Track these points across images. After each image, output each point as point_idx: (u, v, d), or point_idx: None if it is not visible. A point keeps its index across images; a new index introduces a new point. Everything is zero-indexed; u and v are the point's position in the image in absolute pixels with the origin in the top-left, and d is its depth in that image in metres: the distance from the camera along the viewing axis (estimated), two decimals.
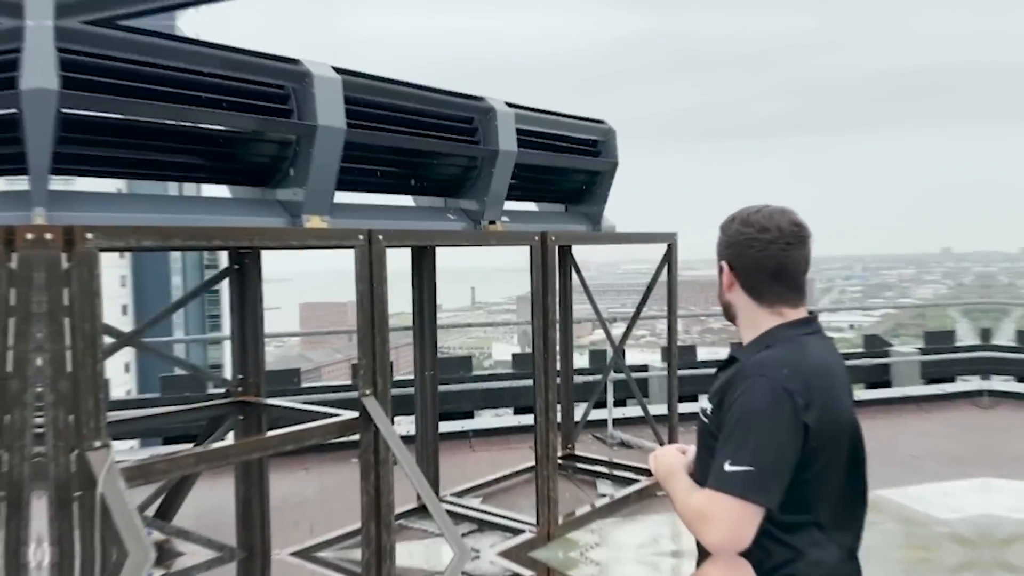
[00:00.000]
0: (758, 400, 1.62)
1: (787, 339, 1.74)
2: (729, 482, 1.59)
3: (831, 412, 1.67)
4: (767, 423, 1.60)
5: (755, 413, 1.61)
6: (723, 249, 1.84)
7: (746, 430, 1.61)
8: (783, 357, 1.68)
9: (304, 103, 3.50)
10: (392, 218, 4.20)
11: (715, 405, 1.74)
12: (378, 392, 3.49)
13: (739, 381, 1.67)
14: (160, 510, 4.01)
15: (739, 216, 1.81)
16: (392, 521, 3.59)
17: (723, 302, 1.89)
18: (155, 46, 3.04)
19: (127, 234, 2.70)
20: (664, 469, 1.88)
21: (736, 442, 1.61)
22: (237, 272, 3.97)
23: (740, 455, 1.59)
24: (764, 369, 1.66)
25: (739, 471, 1.58)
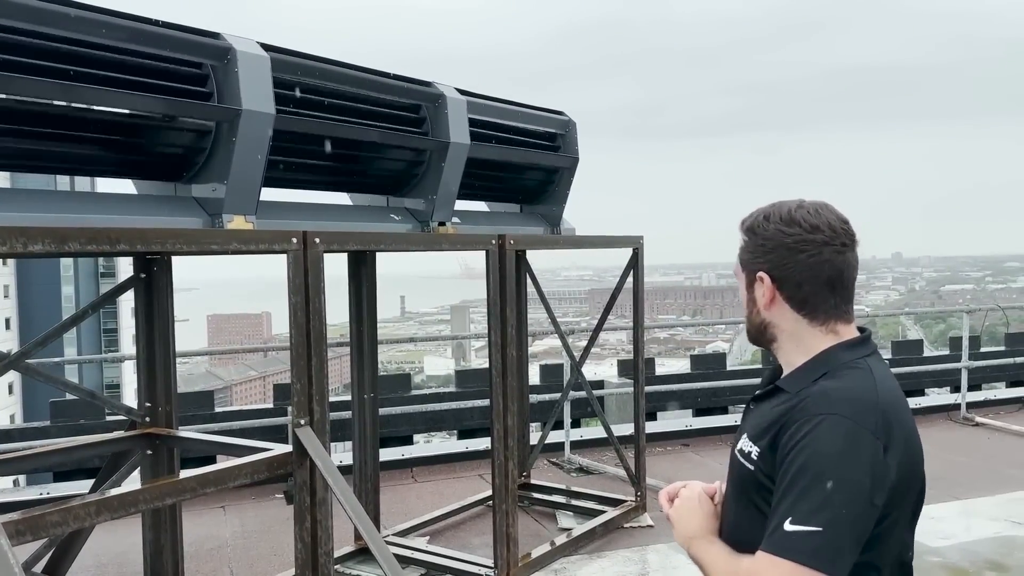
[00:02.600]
0: (829, 443, 1.40)
1: (848, 364, 1.54)
2: (791, 546, 1.37)
3: (909, 453, 1.48)
4: (841, 472, 1.38)
5: (825, 460, 1.39)
6: (758, 256, 1.59)
7: (814, 481, 1.38)
8: (853, 388, 1.48)
9: (226, 84, 3.24)
10: (327, 218, 3.95)
11: (765, 447, 1.52)
12: (315, 422, 3.23)
13: (800, 418, 1.46)
14: (51, 563, 3.66)
15: (774, 213, 1.58)
16: (331, 571, 3.33)
17: (757, 323, 1.64)
18: (43, 11, 2.74)
19: (12, 237, 2.39)
20: (689, 528, 1.66)
21: (800, 496, 1.39)
22: (144, 282, 3.65)
23: (805, 512, 1.37)
24: (834, 404, 1.44)
25: (804, 532, 1.36)
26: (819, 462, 1.39)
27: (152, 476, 3.66)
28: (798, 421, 1.46)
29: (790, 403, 1.52)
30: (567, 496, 5.76)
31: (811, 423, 1.43)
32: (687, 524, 1.66)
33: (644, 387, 5.56)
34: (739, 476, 1.58)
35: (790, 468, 1.42)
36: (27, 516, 2.40)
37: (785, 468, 1.43)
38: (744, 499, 1.57)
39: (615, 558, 4.84)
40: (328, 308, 3.38)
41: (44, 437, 6.84)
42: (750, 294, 1.64)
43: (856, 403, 1.45)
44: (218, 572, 4.76)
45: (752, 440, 1.56)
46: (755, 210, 1.65)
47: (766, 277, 1.58)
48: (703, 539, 1.62)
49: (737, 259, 1.67)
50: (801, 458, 1.41)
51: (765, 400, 1.63)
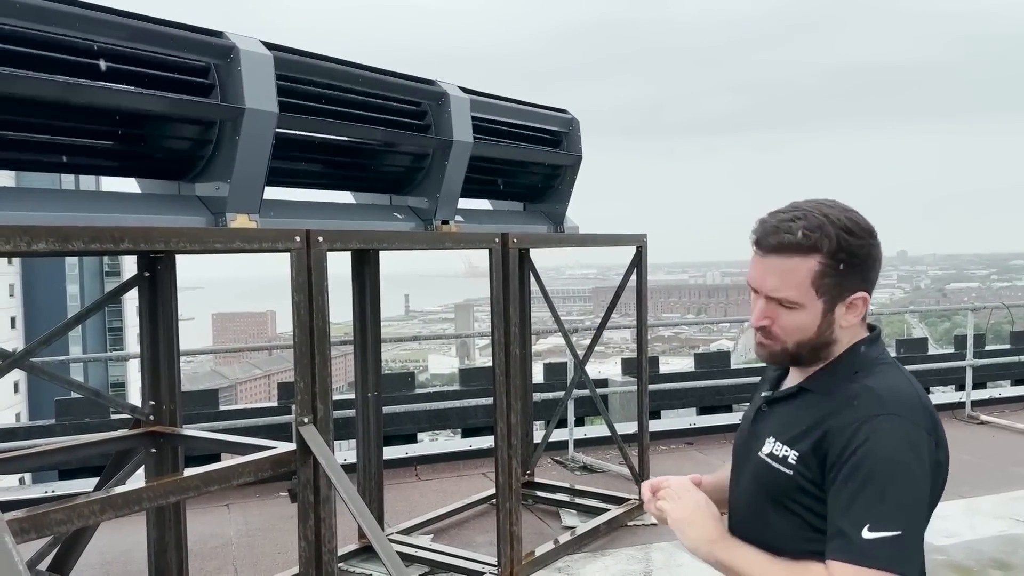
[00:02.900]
0: (894, 446, 1.37)
1: (877, 360, 1.51)
2: (876, 554, 1.32)
3: (946, 449, 1.48)
4: (909, 474, 1.37)
5: (893, 463, 1.37)
6: (854, 278, 1.47)
7: (885, 485, 1.35)
8: (898, 387, 1.45)
9: (229, 82, 3.24)
10: (330, 217, 3.95)
11: (807, 450, 1.46)
12: (318, 420, 3.23)
13: (852, 421, 1.41)
14: (56, 561, 3.67)
15: (855, 226, 1.46)
16: (335, 570, 3.33)
17: (823, 343, 1.52)
18: (47, 11, 2.74)
19: (16, 235, 2.40)
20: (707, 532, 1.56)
21: (874, 501, 1.35)
22: (148, 280, 3.66)
23: (883, 517, 1.34)
24: (887, 405, 1.41)
25: (885, 538, 1.33)
26: (887, 465, 1.37)
27: (156, 474, 3.66)
28: (853, 423, 1.41)
29: (829, 404, 1.47)
30: (571, 494, 5.76)
31: (869, 425, 1.40)
32: (702, 528, 1.58)
33: (647, 385, 5.56)
34: (772, 481, 1.53)
35: (855, 473, 1.38)
36: (31, 514, 2.41)
37: (847, 473, 1.39)
38: (775, 504, 1.52)
39: (619, 556, 4.84)
40: (332, 307, 3.39)
41: (49, 435, 6.85)
42: (826, 319, 1.50)
43: (907, 402, 1.44)
44: (222, 570, 4.76)
45: (787, 444, 1.51)
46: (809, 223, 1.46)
47: (866, 296, 1.50)
48: (726, 541, 1.55)
49: (805, 287, 1.47)
50: (868, 462, 1.38)
51: (785, 402, 1.58)
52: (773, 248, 1.48)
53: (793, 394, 1.58)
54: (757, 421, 1.64)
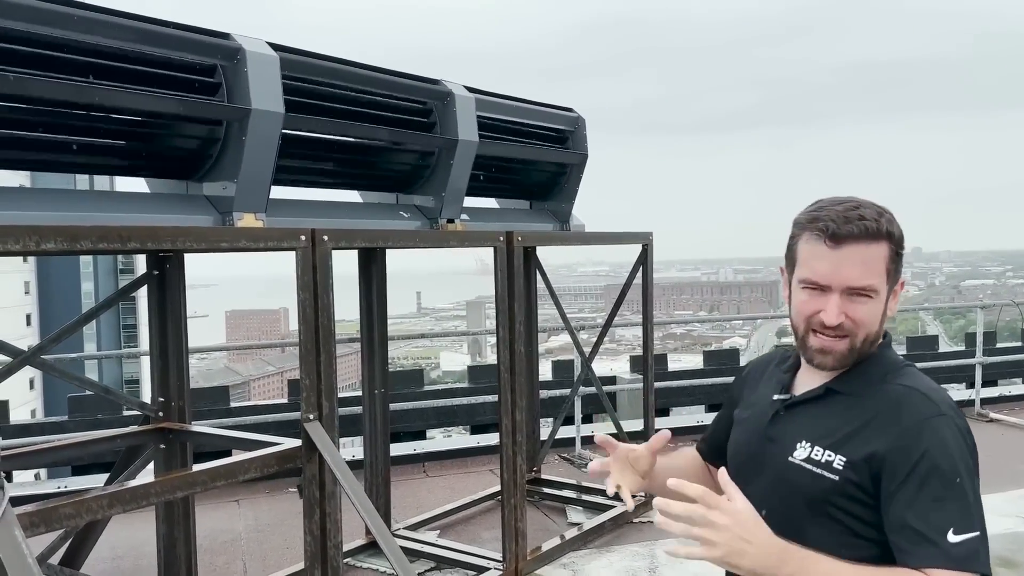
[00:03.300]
0: (954, 445, 1.40)
1: (900, 362, 1.54)
2: (966, 557, 1.33)
3: None
4: (970, 472, 1.40)
5: (961, 464, 1.39)
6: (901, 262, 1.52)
7: (957, 487, 1.37)
8: (936, 387, 1.49)
9: (235, 83, 3.28)
10: (336, 216, 3.99)
11: (855, 455, 1.43)
12: (323, 416, 3.28)
13: (911, 424, 1.41)
14: (67, 555, 3.73)
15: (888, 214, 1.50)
16: (340, 564, 3.38)
17: (880, 333, 1.53)
18: (55, 14, 2.79)
19: (25, 235, 2.45)
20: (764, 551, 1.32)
21: (951, 504, 1.36)
22: (157, 278, 3.71)
23: (963, 519, 1.35)
24: (939, 405, 1.43)
25: (971, 539, 1.34)
26: (953, 466, 1.38)
27: (165, 470, 3.72)
28: (912, 427, 1.41)
29: (872, 406, 1.47)
30: (577, 491, 5.79)
31: (929, 427, 1.40)
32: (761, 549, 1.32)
33: (653, 383, 5.58)
34: (812, 487, 1.47)
35: (928, 477, 1.37)
36: (41, 508, 2.46)
37: (919, 478, 1.38)
38: (818, 511, 1.47)
39: (624, 552, 4.86)
40: (341, 304, 3.43)
41: (62, 432, 6.93)
42: (886, 307, 1.53)
43: (949, 401, 1.46)
44: (232, 565, 4.83)
45: (829, 448, 1.47)
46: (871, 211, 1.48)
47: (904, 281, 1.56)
48: (800, 556, 1.35)
49: (881, 273, 1.48)
50: (939, 467, 1.37)
51: (812, 404, 1.55)
52: (854, 236, 1.46)
53: (819, 396, 1.55)
54: (774, 424, 1.59)
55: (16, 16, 2.71)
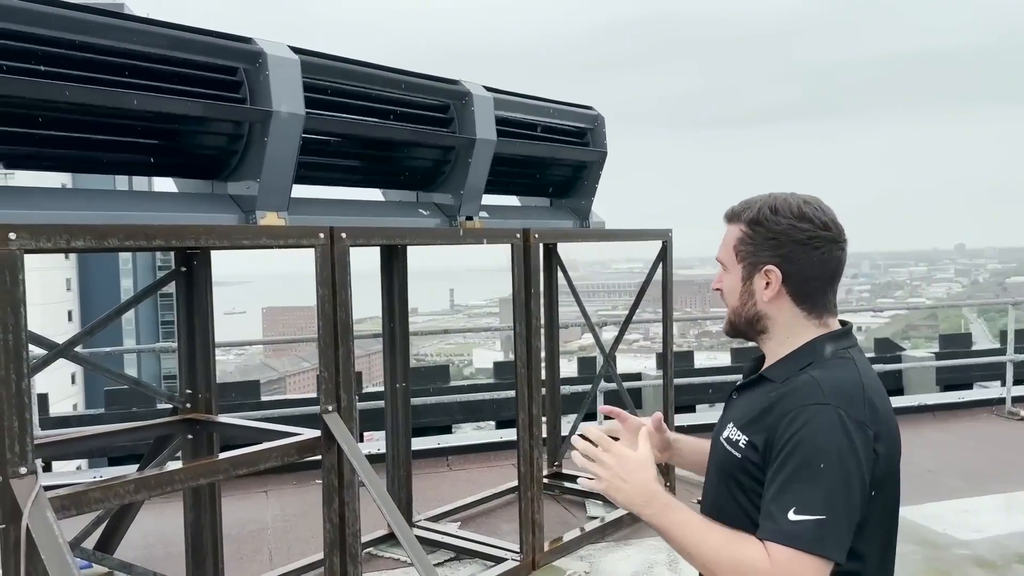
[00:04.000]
0: (825, 434, 1.46)
1: (834, 355, 1.60)
2: (798, 535, 1.41)
3: (893, 441, 1.56)
4: (839, 462, 1.44)
5: (824, 450, 1.45)
6: (764, 249, 1.61)
7: (813, 471, 1.44)
8: (841, 379, 1.54)
9: (257, 86, 3.40)
10: (358, 214, 4.11)
11: (753, 435, 1.56)
12: (342, 408, 3.40)
13: (790, 409, 1.51)
14: (101, 540, 3.90)
15: (782, 207, 1.61)
16: (359, 551, 3.50)
17: (750, 315, 1.66)
18: (86, 22, 2.93)
19: (56, 233, 2.60)
20: (636, 490, 1.56)
21: (801, 485, 1.44)
22: (184, 275, 3.86)
23: (808, 501, 1.43)
24: (825, 396, 1.49)
25: (809, 520, 1.42)
26: (816, 452, 1.45)
27: (192, 459, 3.87)
28: (790, 411, 1.50)
29: (777, 392, 1.57)
30: None
31: (805, 414, 1.48)
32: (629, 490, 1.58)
33: (673, 379, 5.63)
34: (724, 463, 1.63)
35: (788, 459, 1.47)
36: (71, 492, 2.61)
37: (782, 458, 1.48)
38: (727, 486, 1.62)
39: (641, 546, 4.94)
40: (365, 299, 3.54)
41: (99, 423, 7.18)
42: (746, 286, 1.65)
43: (845, 394, 1.51)
44: (258, 553, 4.99)
45: (739, 429, 1.61)
46: (749, 201, 1.67)
47: (775, 271, 1.60)
48: (660, 504, 1.56)
49: (729, 249, 1.67)
50: (798, 449, 1.46)
51: (750, 389, 1.68)
52: (725, 219, 1.72)
53: (755, 382, 1.68)
54: (726, 409, 1.75)
55: (52, 24, 2.86)
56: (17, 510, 2.42)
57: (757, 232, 1.62)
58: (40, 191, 3.13)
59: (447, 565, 4.65)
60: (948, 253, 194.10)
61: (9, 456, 2.43)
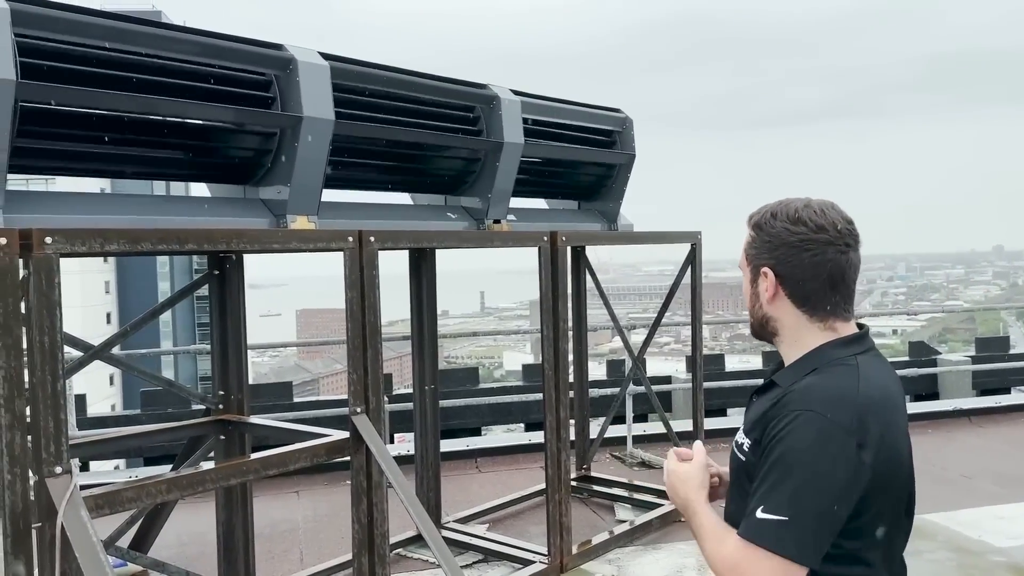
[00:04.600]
0: (802, 439, 1.48)
1: (838, 361, 1.60)
2: (760, 532, 1.47)
3: (889, 450, 1.54)
4: (811, 466, 1.47)
5: (797, 453, 1.48)
6: (763, 252, 1.66)
7: (784, 473, 1.48)
8: (833, 386, 1.55)
9: (288, 92, 3.45)
10: (387, 217, 4.14)
11: (754, 440, 1.61)
12: (370, 410, 3.43)
13: (781, 414, 1.54)
14: (136, 539, 3.96)
15: (781, 211, 1.64)
16: (387, 552, 3.53)
17: (759, 316, 1.71)
18: (121, 31, 2.99)
19: (91, 237, 2.65)
20: (681, 498, 1.72)
21: (772, 486, 1.48)
22: (217, 278, 3.91)
23: (775, 502, 1.47)
24: (811, 402, 1.52)
25: (772, 520, 1.46)
26: (791, 456, 1.48)
27: (224, 459, 3.92)
28: (779, 416, 1.54)
29: (778, 398, 1.59)
30: (626, 489, 5.84)
31: (788, 418, 1.51)
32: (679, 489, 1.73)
33: (702, 382, 5.59)
34: (735, 467, 1.69)
35: (767, 460, 1.52)
36: (105, 492, 2.66)
37: (763, 460, 1.53)
38: (739, 488, 1.65)
39: (671, 550, 4.90)
40: (398, 301, 3.55)
41: (135, 423, 7.30)
42: (754, 288, 1.70)
43: (833, 400, 1.51)
44: (289, 553, 5.03)
45: (745, 433, 1.66)
46: (763, 207, 1.72)
47: (770, 272, 1.64)
48: (695, 510, 1.68)
49: (743, 253, 1.73)
50: (776, 451, 1.50)
51: (761, 395, 1.70)
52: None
53: (766, 387, 1.70)
54: (745, 413, 1.78)
55: (90, 34, 2.92)
56: (52, 509, 2.47)
57: (759, 236, 1.68)
58: (78, 196, 3.20)
59: (475, 567, 4.66)
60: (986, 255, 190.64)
61: (45, 456, 2.47)
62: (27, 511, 2.46)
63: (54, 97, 2.84)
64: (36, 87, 2.71)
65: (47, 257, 2.47)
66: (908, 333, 60.42)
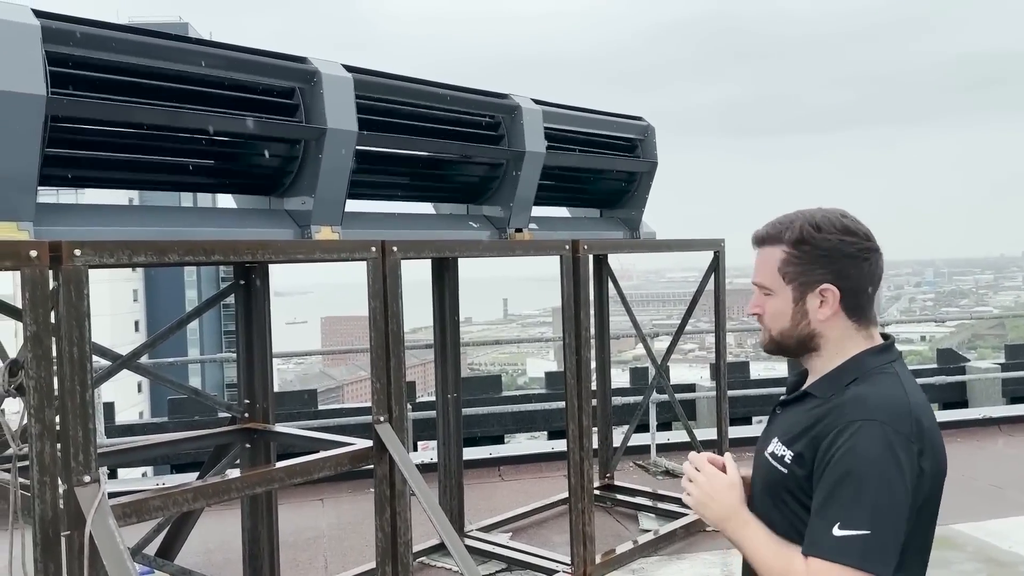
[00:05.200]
0: (869, 449, 1.46)
1: (877, 369, 1.59)
2: (843, 550, 1.42)
3: (938, 456, 1.55)
4: (884, 477, 1.45)
5: (868, 465, 1.45)
6: (816, 267, 1.59)
7: (857, 487, 1.44)
8: (886, 394, 1.54)
9: (312, 104, 3.48)
10: (410, 227, 4.16)
11: (800, 451, 1.56)
12: (393, 418, 3.44)
13: (837, 425, 1.51)
14: (163, 546, 4.00)
15: (826, 223, 1.59)
16: (410, 561, 3.53)
17: (804, 334, 1.64)
18: (148, 45, 3.04)
19: (119, 249, 2.68)
20: (726, 507, 1.64)
21: (846, 501, 1.45)
22: (243, 287, 3.95)
23: (854, 517, 1.43)
24: (871, 411, 1.50)
25: (853, 536, 1.42)
26: (861, 468, 1.45)
27: (250, 467, 3.95)
28: (836, 427, 1.51)
29: (823, 408, 1.57)
30: (650, 498, 5.81)
31: (850, 430, 1.48)
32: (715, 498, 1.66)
33: (726, 391, 5.55)
34: (770, 478, 1.63)
35: (832, 474, 1.48)
36: (133, 500, 2.68)
37: (827, 474, 1.49)
38: (774, 500, 1.62)
39: (695, 560, 4.87)
40: (422, 309, 3.55)
41: (162, 431, 7.38)
42: (798, 307, 1.63)
43: (891, 409, 1.51)
44: (314, 561, 5.06)
45: (785, 444, 1.61)
46: (780, 222, 1.65)
47: (832, 288, 1.59)
48: (739, 519, 1.63)
49: (773, 272, 1.64)
50: (843, 464, 1.47)
51: (793, 405, 1.68)
52: (757, 241, 1.70)
53: (799, 398, 1.67)
54: (769, 424, 1.74)
55: (119, 48, 2.97)
56: (81, 517, 2.50)
57: (804, 251, 1.60)
58: (107, 208, 3.25)
59: None
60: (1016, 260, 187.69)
61: (74, 465, 2.51)
62: (56, 519, 2.49)
63: (84, 111, 2.89)
64: (66, 102, 2.75)
65: (76, 269, 2.51)
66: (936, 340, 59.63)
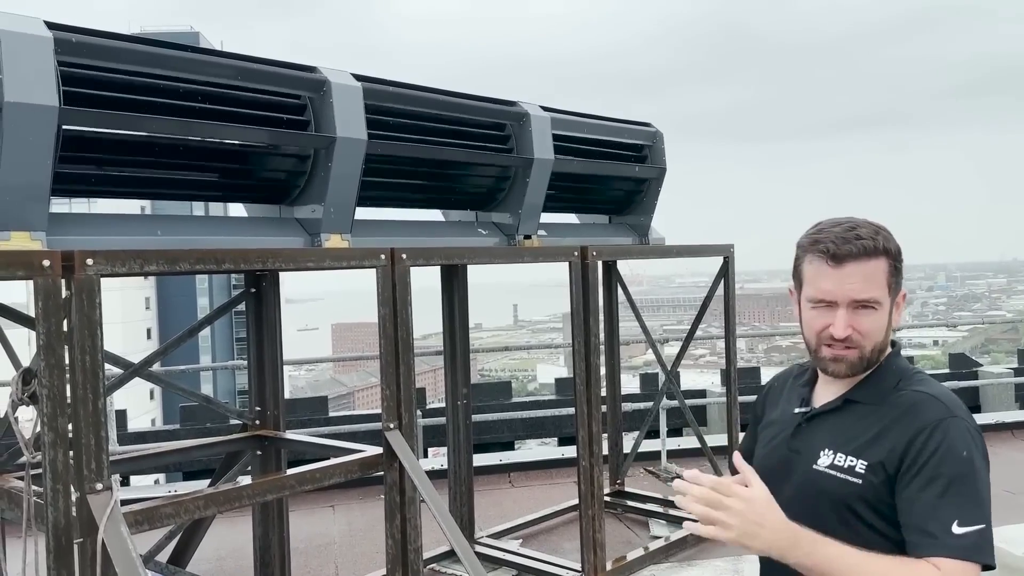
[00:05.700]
0: (961, 445, 1.51)
1: (910, 370, 1.66)
2: (969, 547, 1.45)
3: None
4: (980, 469, 1.52)
5: (969, 462, 1.51)
6: (900, 277, 1.64)
7: (966, 482, 1.49)
8: (944, 392, 1.61)
9: (322, 114, 3.50)
10: (419, 234, 4.17)
11: (877, 460, 1.55)
12: (403, 426, 3.45)
13: (924, 426, 1.53)
14: (175, 553, 4.02)
15: (887, 233, 1.63)
16: (421, 568, 3.53)
17: (887, 342, 1.66)
18: (159, 56, 3.06)
19: (130, 259, 2.71)
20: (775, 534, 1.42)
21: (958, 498, 1.48)
22: (254, 295, 3.97)
23: (969, 513, 1.47)
24: (950, 409, 1.56)
25: (974, 531, 1.46)
26: (963, 464, 1.50)
27: (261, 474, 3.96)
28: (924, 428, 1.53)
29: (889, 413, 1.58)
30: (661, 504, 5.79)
31: (940, 429, 1.52)
32: (774, 532, 1.43)
33: (737, 396, 5.54)
34: (840, 492, 1.58)
35: (936, 474, 1.49)
36: (144, 508, 2.70)
37: (927, 475, 1.49)
38: (840, 515, 1.57)
39: (706, 567, 4.85)
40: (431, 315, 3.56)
41: (174, 439, 7.41)
42: (890, 317, 1.63)
43: (958, 404, 1.58)
44: (325, 568, 5.06)
45: (851, 454, 1.58)
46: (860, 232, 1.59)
47: (905, 293, 1.67)
48: (810, 542, 1.44)
49: (883, 286, 1.60)
50: (945, 463, 1.50)
51: (831, 415, 1.66)
52: (853, 255, 1.58)
53: (837, 407, 1.66)
54: (797, 436, 1.70)
55: (130, 59, 3.00)
56: (93, 525, 2.51)
57: (896, 262, 1.63)
58: (119, 218, 3.28)
59: None
60: None
61: (86, 473, 2.52)
62: (69, 527, 2.51)
63: (96, 122, 2.91)
64: (78, 113, 2.78)
65: (88, 278, 2.53)
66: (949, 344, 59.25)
